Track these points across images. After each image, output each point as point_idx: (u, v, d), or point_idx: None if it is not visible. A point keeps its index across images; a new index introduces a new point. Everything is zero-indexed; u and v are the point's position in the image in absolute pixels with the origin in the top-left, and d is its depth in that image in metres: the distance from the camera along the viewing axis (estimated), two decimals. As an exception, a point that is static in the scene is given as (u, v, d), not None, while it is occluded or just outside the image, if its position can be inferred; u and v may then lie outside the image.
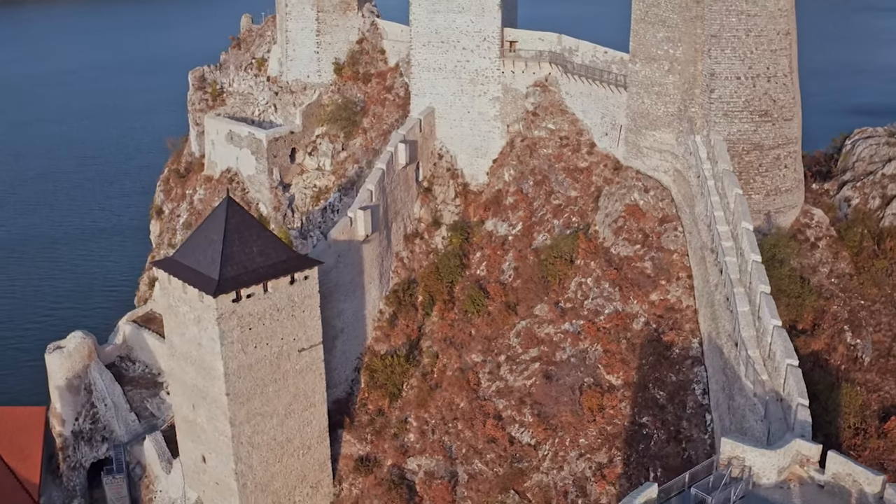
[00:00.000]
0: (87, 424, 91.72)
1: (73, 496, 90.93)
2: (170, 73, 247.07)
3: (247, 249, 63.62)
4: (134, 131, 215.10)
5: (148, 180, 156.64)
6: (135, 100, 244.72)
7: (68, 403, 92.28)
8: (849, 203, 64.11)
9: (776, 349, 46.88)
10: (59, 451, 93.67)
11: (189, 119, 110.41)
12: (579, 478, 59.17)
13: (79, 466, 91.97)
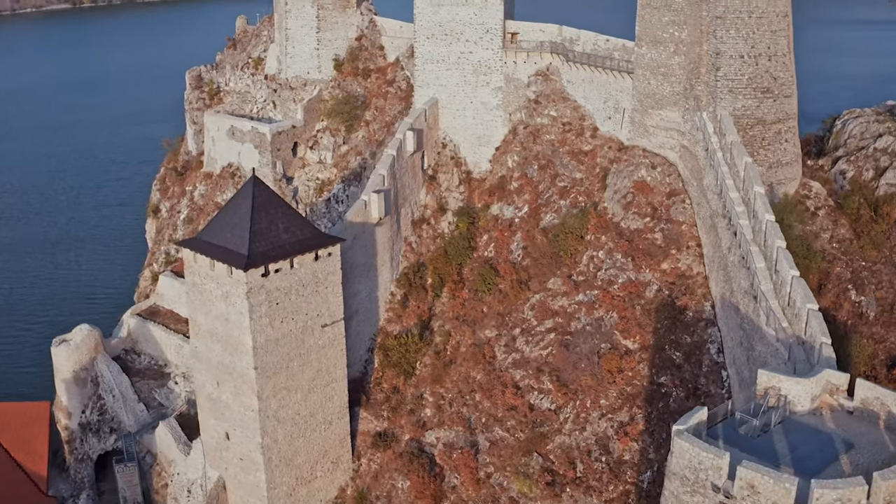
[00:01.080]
0: (94, 416, 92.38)
1: (82, 488, 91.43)
2: (157, 83, 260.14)
3: (273, 227, 65.60)
4: (126, 139, 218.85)
5: (141, 184, 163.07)
6: (124, 110, 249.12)
7: (75, 396, 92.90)
8: (844, 175, 67.85)
9: (796, 297, 50.04)
10: (65, 444, 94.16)
11: (186, 118, 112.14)
12: (602, 437, 61.79)
13: (86, 458, 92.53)
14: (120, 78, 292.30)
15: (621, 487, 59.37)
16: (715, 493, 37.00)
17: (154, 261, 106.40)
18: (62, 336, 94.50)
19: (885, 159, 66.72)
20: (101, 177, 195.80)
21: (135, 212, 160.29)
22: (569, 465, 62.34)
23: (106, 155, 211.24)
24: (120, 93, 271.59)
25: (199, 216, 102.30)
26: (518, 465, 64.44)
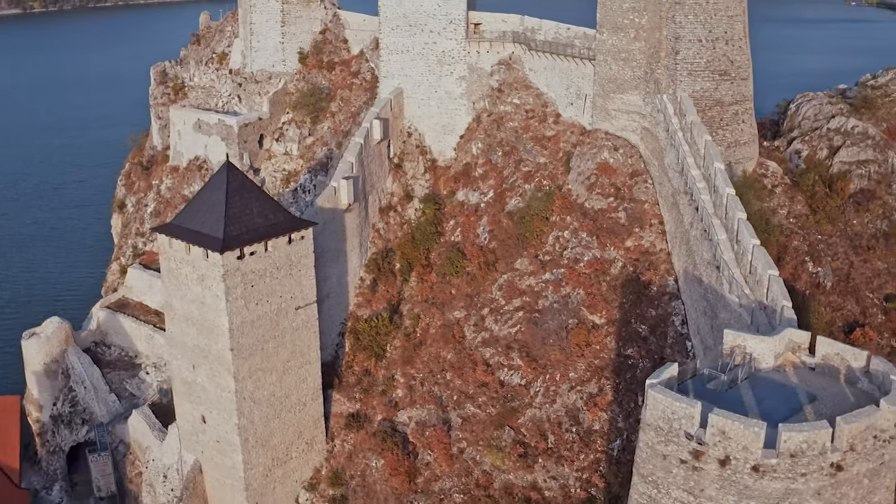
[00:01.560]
0: (66, 408, 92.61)
1: (54, 480, 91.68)
2: (116, 87, 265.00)
3: (247, 211, 66.74)
4: (80, 142, 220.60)
5: (100, 185, 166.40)
6: (78, 114, 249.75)
7: (46, 388, 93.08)
8: (799, 155, 70.72)
9: (757, 264, 52.52)
10: (36, 436, 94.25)
11: (151, 113, 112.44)
12: (571, 409, 63.80)
13: (58, 450, 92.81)
14: (76, 82, 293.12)
15: (592, 456, 61.42)
16: (688, 441, 39.05)
17: (121, 255, 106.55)
18: (32, 329, 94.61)
19: (839, 139, 69.70)
20: (59, 179, 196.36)
21: (96, 211, 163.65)
22: (540, 436, 64.27)
23: (62, 158, 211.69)
24: (75, 97, 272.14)
25: (166, 209, 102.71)
26: (490, 440, 66.19)
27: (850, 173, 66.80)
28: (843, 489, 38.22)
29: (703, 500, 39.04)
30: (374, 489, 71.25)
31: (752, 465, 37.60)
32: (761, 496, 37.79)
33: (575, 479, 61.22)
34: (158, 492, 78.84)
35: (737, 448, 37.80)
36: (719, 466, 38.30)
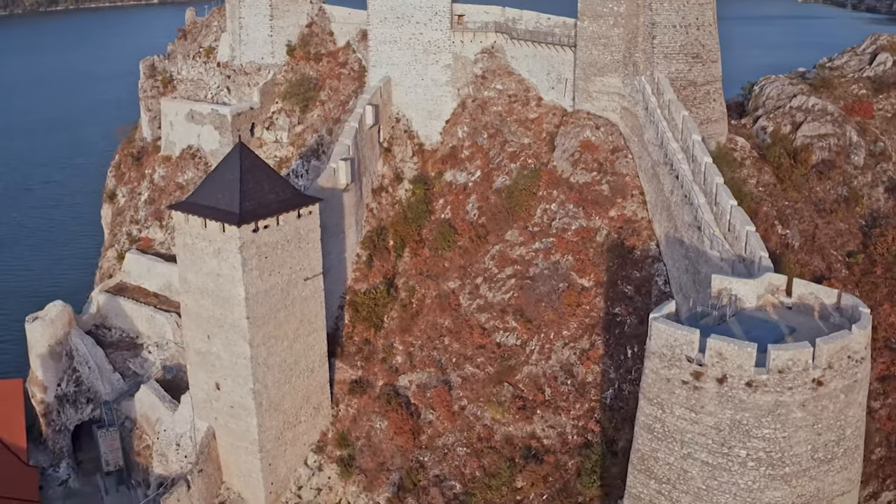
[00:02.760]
0: (70, 388, 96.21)
1: (61, 457, 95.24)
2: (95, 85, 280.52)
3: (259, 187, 71.39)
4: (70, 136, 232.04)
5: (89, 176, 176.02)
6: (57, 113, 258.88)
7: (50, 370, 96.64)
8: (765, 131, 77.21)
9: (735, 222, 58.64)
10: (41, 417, 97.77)
11: (140, 106, 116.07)
12: (566, 363, 69.52)
13: (64, 429, 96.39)
14: (61, 80, 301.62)
15: (587, 405, 67.13)
16: (689, 364, 44.84)
17: (116, 242, 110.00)
18: (34, 314, 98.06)
19: (801, 115, 76.36)
20: (44, 174, 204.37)
21: (82, 203, 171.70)
22: (537, 390, 69.87)
23: (46, 153, 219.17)
24: (63, 94, 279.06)
25: (160, 196, 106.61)
26: (490, 396, 71.64)
27: (812, 146, 73.38)
28: (823, 402, 44.22)
29: (704, 415, 44.85)
30: (379, 448, 76.22)
31: (746, 381, 43.46)
32: (754, 408, 43.66)
33: (572, 427, 66.88)
34: (171, 460, 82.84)
35: (732, 367, 43.65)
36: (717, 384, 44.12)
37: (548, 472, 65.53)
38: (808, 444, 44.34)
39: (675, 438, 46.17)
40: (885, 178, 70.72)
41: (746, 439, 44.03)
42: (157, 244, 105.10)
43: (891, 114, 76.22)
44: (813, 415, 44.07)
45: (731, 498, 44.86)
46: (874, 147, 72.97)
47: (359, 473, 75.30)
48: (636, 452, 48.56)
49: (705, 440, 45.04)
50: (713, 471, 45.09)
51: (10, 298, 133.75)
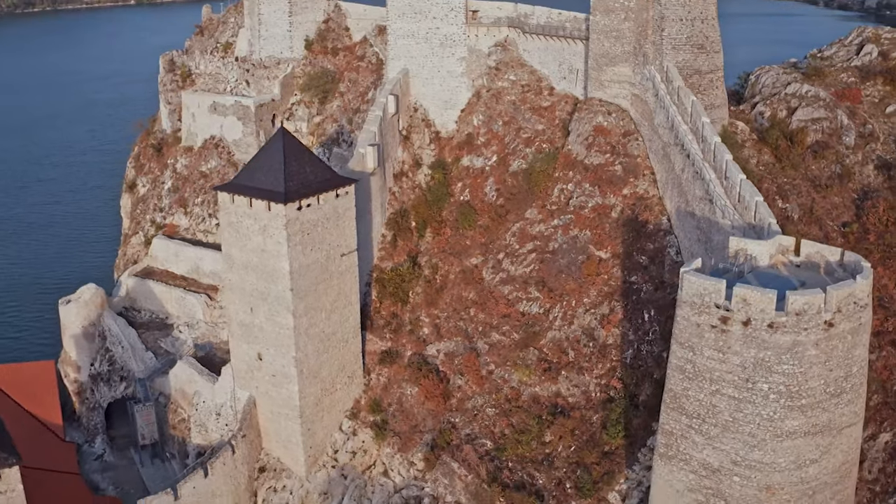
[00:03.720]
0: (104, 367, 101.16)
1: (95, 434, 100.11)
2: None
3: (301, 169, 77.00)
4: (64, 135, 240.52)
5: (108, 170, 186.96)
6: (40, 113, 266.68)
7: (84, 350, 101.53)
8: (763, 115, 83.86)
9: (745, 193, 64.99)
10: (74, 395, 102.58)
11: (160, 99, 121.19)
12: (588, 328, 75.70)
13: (97, 406, 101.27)
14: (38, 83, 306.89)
15: (608, 365, 73.33)
16: (717, 310, 51.12)
17: (139, 229, 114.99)
18: (67, 297, 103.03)
19: (795, 101, 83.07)
20: (26, 177, 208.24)
21: (97, 196, 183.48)
22: (562, 353, 76.00)
23: (27, 155, 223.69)
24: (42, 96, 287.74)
25: (184, 185, 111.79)
26: (516, 359, 77.67)
27: (807, 129, 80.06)
28: (834, 342, 50.63)
29: (730, 354, 51.14)
30: (411, 412, 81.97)
31: (768, 323, 49.79)
32: (775, 347, 49.99)
33: (595, 385, 73.05)
34: (210, 429, 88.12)
35: (756, 311, 49.98)
36: (742, 327, 50.43)
37: (574, 425, 71.64)
38: (821, 379, 50.71)
39: (704, 377, 52.43)
40: (874, 156, 77.52)
41: (768, 375, 50.34)
42: (181, 230, 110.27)
43: (877, 99, 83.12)
44: (825, 353, 50.44)
45: (755, 427, 51.16)
46: (863, 129, 79.76)
47: (393, 436, 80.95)
48: (669, 392, 54.78)
49: (732, 377, 51.33)
50: (739, 404, 51.39)
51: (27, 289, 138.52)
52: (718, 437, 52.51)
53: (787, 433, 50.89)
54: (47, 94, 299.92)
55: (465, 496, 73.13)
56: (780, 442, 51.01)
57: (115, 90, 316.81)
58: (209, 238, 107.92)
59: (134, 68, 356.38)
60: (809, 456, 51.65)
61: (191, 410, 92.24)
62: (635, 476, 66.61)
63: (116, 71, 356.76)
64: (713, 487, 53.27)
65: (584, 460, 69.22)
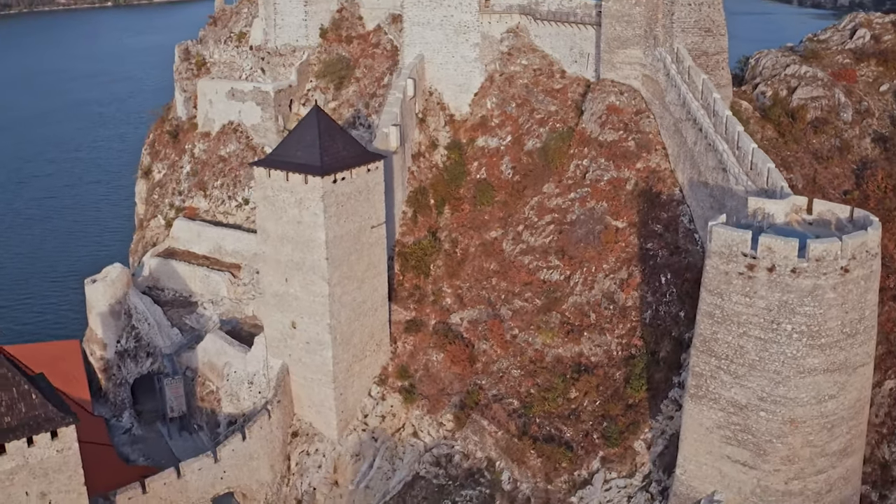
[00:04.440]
0: (130, 344, 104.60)
1: (123, 408, 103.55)
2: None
3: (335, 145, 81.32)
4: (55, 133, 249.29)
5: (103, 165, 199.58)
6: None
7: (110, 328, 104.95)
8: (765, 95, 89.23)
9: (756, 161, 70.07)
10: (100, 373, 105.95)
11: (176, 87, 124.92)
12: (607, 292, 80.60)
13: (124, 382, 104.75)
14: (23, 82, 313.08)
15: (629, 325, 78.26)
16: (744, 258, 56.09)
17: (158, 212, 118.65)
18: (93, 276, 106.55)
19: (794, 81, 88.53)
20: (21, 173, 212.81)
21: (84, 193, 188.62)
22: (583, 316, 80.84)
23: (20, 153, 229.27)
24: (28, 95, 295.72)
25: (202, 169, 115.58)
26: (539, 323, 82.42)
27: (807, 106, 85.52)
28: (849, 286, 55.74)
29: (757, 299, 56.13)
30: (438, 377, 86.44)
31: (791, 269, 54.83)
32: (797, 290, 55.02)
33: (616, 344, 77.95)
34: (243, 398, 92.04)
35: (780, 258, 55.02)
36: (767, 273, 55.44)
37: (598, 382, 76.48)
38: (839, 320, 55.83)
39: (732, 321, 57.42)
40: (871, 131, 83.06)
41: (791, 316, 55.38)
42: (201, 212, 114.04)
43: (871, 79, 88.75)
44: (841, 296, 55.56)
45: (780, 365, 56.19)
46: (859, 106, 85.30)
47: (421, 399, 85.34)
48: (698, 337, 59.71)
49: (758, 319, 56.34)
50: (765, 344, 56.40)
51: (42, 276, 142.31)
52: (745, 376, 57.49)
53: (809, 370, 55.95)
54: (34, 93, 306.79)
55: (496, 451, 77.74)
56: (802, 378, 56.05)
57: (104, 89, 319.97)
58: (229, 219, 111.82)
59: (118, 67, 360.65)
60: (828, 392, 56.73)
61: (220, 382, 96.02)
62: (659, 426, 71.55)
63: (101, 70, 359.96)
64: (741, 423, 58.26)
65: (609, 413, 74.03)
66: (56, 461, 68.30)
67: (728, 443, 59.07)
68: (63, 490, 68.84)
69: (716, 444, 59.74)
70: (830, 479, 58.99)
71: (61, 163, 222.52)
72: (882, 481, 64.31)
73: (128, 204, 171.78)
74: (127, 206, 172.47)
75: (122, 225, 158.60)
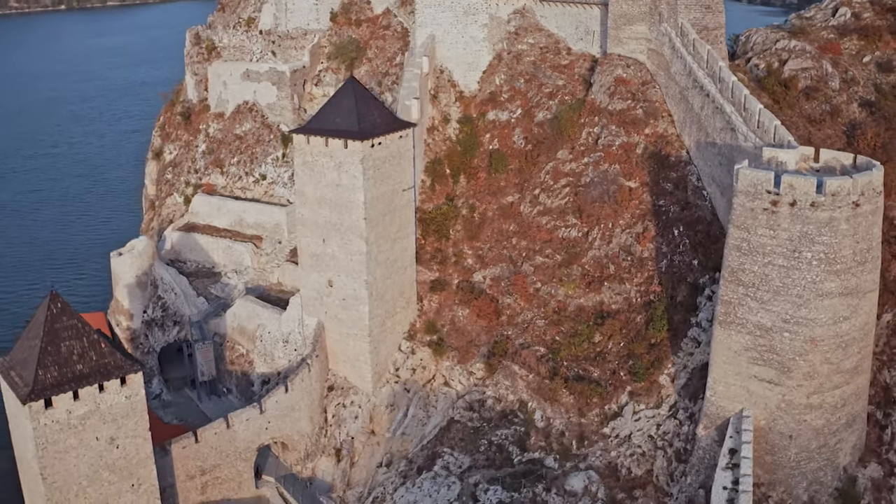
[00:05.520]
0: (157, 313, 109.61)
1: (151, 376, 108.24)
2: None
3: (370, 112, 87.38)
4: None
5: (83, 161, 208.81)
6: None
7: (137, 299, 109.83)
8: (758, 67, 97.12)
9: (763, 119, 77.57)
10: (127, 342, 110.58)
11: (187, 70, 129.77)
12: (624, 245, 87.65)
13: (152, 350, 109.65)
14: None
15: (646, 274, 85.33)
16: (768, 195, 63.36)
17: (174, 190, 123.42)
18: (119, 250, 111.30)
19: (785, 54, 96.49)
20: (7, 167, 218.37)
21: (71, 185, 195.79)
22: (603, 268, 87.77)
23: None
24: None
25: (219, 147, 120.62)
26: (561, 276, 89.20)
27: (798, 76, 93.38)
28: (859, 219, 63.27)
29: (780, 231, 63.42)
30: (465, 330, 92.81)
31: (811, 203, 62.17)
32: (816, 222, 62.34)
33: (635, 292, 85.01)
34: (277, 356, 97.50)
35: (800, 193, 62.36)
36: (789, 207, 62.76)
37: (621, 325, 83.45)
38: (851, 249, 63.33)
39: (758, 252, 64.67)
40: (857, 97, 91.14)
41: (811, 245, 62.78)
42: (219, 188, 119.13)
43: (854, 52, 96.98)
44: (853, 227, 63.07)
45: (801, 289, 63.55)
46: (845, 75, 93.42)
47: (451, 350, 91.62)
48: (727, 268, 66.87)
49: (781, 249, 63.64)
50: (788, 271, 63.74)
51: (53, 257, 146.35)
52: (770, 301, 64.79)
53: (826, 293, 63.40)
54: (2, 92, 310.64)
55: (528, 393, 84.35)
56: (821, 301, 63.49)
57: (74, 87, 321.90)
58: (247, 194, 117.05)
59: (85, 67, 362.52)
60: (843, 313, 64.25)
61: (250, 345, 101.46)
62: (680, 361, 78.72)
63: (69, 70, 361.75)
64: (766, 344, 65.55)
65: (633, 352, 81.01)
66: (124, 407, 73.33)
67: (755, 363, 66.32)
68: (130, 435, 73.92)
69: (743, 366, 66.96)
70: (844, 395, 66.57)
71: (40, 158, 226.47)
72: (885, 402, 72.15)
73: (114, 195, 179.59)
74: (113, 196, 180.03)
75: (112, 214, 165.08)
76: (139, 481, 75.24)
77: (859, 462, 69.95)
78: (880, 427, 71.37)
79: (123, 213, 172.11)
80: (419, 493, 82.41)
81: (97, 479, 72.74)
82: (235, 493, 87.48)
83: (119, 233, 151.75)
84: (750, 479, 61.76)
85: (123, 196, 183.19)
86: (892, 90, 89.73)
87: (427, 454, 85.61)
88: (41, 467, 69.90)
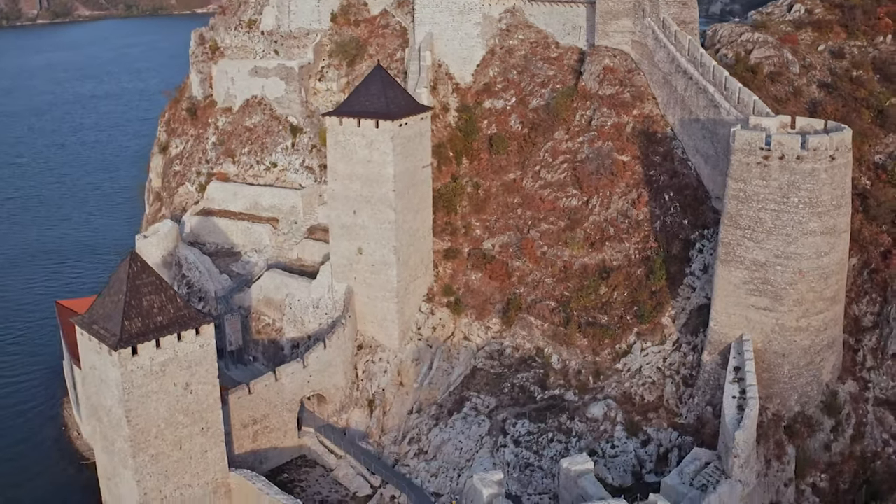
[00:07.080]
0: (182, 290, 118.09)
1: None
2: None
3: (396, 96, 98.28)
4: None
5: (50, 168, 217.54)
6: None
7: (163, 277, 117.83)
8: (727, 56, 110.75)
9: (743, 95, 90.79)
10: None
11: (192, 69, 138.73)
12: (622, 209, 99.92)
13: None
14: None
15: (643, 234, 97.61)
16: (761, 151, 76.13)
17: (186, 180, 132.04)
18: (144, 232, 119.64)
19: (750, 45, 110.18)
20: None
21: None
22: (603, 231, 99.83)
23: None
24: None
25: (229, 139, 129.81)
26: (566, 239, 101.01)
27: (763, 63, 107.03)
28: (834, 171, 76.36)
29: (771, 181, 76.13)
30: (479, 291, 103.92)
31: (796, 157, 75.08)
32: (801, 172, 75.23)
33: (634, 249, 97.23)
34: (308, 321, 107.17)
35: (788, 149, 75.24)
36: (779, 160, 75.57)
37: (623, 278, 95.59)
38: (829, 194, 76.40)
39: (752, 199, 77.33)
40: (815, 80, 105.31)
41: (797, 191, 75.64)
42: (231, 176, 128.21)
43: (810, 42, 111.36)
44: (830, 176, 76.16)
45: (790, 229, 76.33)
46: (804, 62, 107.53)
47: (468, 309, 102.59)
48: (726, 215, 79.41)
49: (773, 196, 76.36)
50: (778, 214, 76.51)
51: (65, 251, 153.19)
52: (764, 240, 77.48)
53: (811, 232, 76.31)
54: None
55: (544, 340, 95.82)
56: (806, 238, 76.37)
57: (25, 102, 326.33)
58: (259, 181, 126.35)
59: (29, 83, 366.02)
60: (824, 249, 77.23)
61: (277, 314, 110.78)
62: (679, 304, 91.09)
63: (13, 86, 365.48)
64: (761, 277, 78.18)
65: (637, 299, 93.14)
66: (198, 355, 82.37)
67: (752, 294, 78.91)
68: (202, 381, 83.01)
69: (742, 297, 79.54)
70: (826, 319, 79.59)
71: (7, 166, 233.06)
72: (856, 330, 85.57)
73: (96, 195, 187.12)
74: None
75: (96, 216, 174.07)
76: (207, 425, 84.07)
77: (838, 380, 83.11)
78: (853, 351, 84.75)
79: (104, 216, 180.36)
80: (452, 431, 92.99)
81: (173, 422, 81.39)
82: (281, 441, 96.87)
83: (102, 232, 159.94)
84: (755, 387, 74.10)
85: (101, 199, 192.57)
86: (845, 73, 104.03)
87: (455, 399, 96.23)
88: (126, 410, 78.23)
